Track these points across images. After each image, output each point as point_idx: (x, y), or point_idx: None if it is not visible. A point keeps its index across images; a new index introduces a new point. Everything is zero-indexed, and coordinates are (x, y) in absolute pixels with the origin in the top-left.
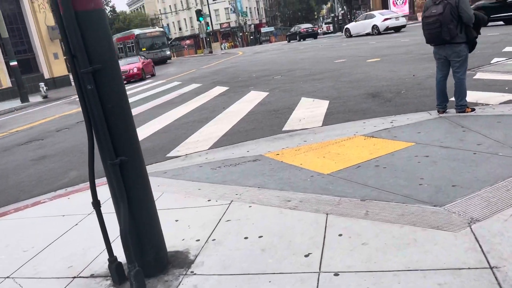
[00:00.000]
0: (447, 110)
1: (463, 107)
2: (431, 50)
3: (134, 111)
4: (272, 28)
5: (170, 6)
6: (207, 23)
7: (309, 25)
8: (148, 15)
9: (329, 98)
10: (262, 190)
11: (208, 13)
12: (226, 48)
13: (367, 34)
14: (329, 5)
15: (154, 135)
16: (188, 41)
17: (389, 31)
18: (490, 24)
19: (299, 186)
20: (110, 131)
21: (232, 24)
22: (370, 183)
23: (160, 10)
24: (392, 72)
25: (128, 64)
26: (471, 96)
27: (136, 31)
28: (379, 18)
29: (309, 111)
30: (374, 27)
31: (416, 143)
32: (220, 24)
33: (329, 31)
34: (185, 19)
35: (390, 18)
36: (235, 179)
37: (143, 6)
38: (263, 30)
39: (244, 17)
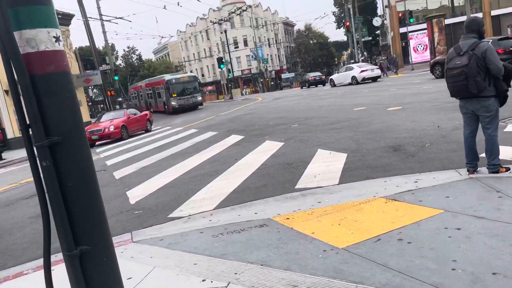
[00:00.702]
0: (478, 169)
1: (496, 166)
2: (456, 99)
3: (146, 161)
4: (292, 74)
5: (193, 54)
6: (229, 70)
7: (317, 74)
8: (172, 62)
9: (347, 150)
10: (266, 268)
11: (229, 60)
12: (247, 93)
13: (349, 84)
14: (349, 51)
15: (160, 190)
16: (210, 87)
17: (366, 81)
18: None
19: (308, 265)
20: (70, 215)
21: (253, 70)
22: (392, 264)
23: (184, 57)
24: (414, 122)
25: (106, 122)
26: (505, 152)
27: (167, 77)
28: (356, 70)
29: (325, 165)
30: (353, 77)
31: (445, 210)
32: (242, 70)
33: None
34: (207, 66)
35: (366, 70)
36: (237, 251)
37: (168, 54)
38: (283, 76)
39: (265, 63)
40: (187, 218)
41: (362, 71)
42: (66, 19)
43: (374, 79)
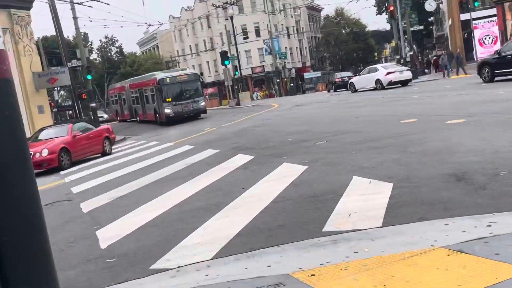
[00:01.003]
0: None
1: None
2: None
3: (125, 189)
4: (318, 73)
5: (190, 46)
6: (235, 67)
7: (347, 74)
8: (162, 57)
9: (393, 179)
10: None
11: (236, 54)
12: (258, 98)
13: (374, 89)
14: (393, 43)
15: (141, 230)
16: (210, 89)
17: (394, 86)
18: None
19: None
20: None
21: (267, 68)
22: None
23: (177, 51)
24: (484, 141)
25: (40, 144)
26: None
27: (159, 75)
28: (382, 71)
29: (364, 199)
30: (378, 81)
31: None
32: (252, 68)
33: None
34: (208, 62)
35: (393, 72)
36: None
37: (157, 47)
38: (306, 75)
39: (283, 59)
40: (175, 271)
41: (389, 73)
42: (26, 1)
43: (404, 83)
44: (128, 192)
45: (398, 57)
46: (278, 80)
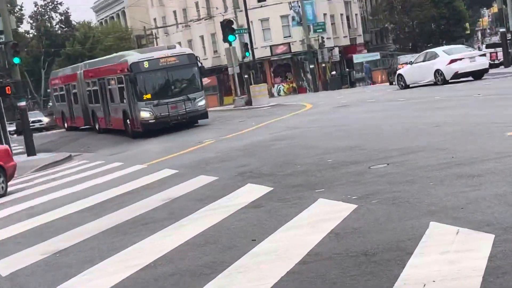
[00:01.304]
0: None
1: None
2: None
3: (67, 238)
4: (375, 55)
5: (174, 12)
6: (245, 45)
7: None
8: (131, 29)
9: (495, 227)
10: None
11: (246, 26)
12: (281, 93)
13: (434, 84)
14: (495, 8)
15: None
16: (205, 80)
17: (462, 79)
18: None
19: None
20: None
21: (295, 47)
22: None
23: (155, 20)
24: None
25: None
26: None
27: (132, 56)
28: (443, 58)
29: (448, 260)
30: (438, 72)
31: None
32: (272, 47)
33: (497, 61)
34: (202, 37)
35: (461, 59)
36: None
37: (123, 13)
38: (357, 58)
39: (320, 33)
40: None
41: (453, 60)
42: None
43: (477, 75)
44: (71, 244)
45: (503, 30)
46: (312, 66)
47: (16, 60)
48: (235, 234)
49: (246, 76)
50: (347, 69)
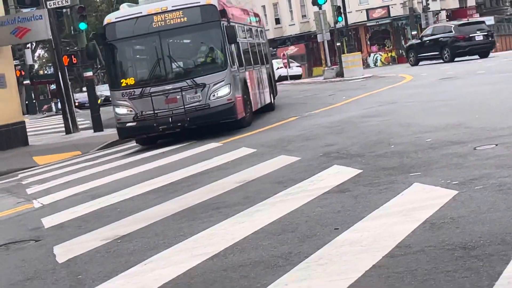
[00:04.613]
0: None
1: None
2: None
3: (130, 222)
4: (490, 19)
5: None
6: (337, 8)
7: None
8: None
9: None
10: None
11: None
12: (378, 63)
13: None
14: None
15: None
16: (292, 48)
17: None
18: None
19: None
20: None
21: (395, 11)
22: None
23: None
24: None
25: None
26: None
27: (111, 15)
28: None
29: None
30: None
31: None
32: (368, 10)
33: None
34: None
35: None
36: None
37: None
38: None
39: None
40: None
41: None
42: None
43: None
44: (134, 230)
45: None
46: (414, 33)
47: (83, 26)
48: (316, 222)
49: (338, 44)
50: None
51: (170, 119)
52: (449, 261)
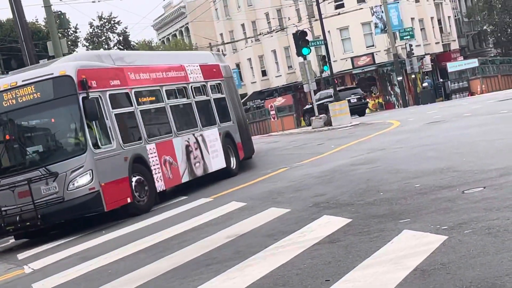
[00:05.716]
0: None
1: None
2: None
3: (119, 284)
4: (473, 62)
5: (243, 25)
6: (322, 58)
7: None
8: (195, 47)
9: None
10: None
11: (322, 36)
12: (367, 110)
13: None
14: None
15: None
16: (279, 100)
17: None
18: None
19: None
20: None
21: (380, 58)
22: None
23: (221, 35)
24: None
25: None
26: None
27: None
28: None
29: None
30: None
31: None
32: (353, 58)
33: None
34: (274, 51)
35: None
36: None
37: (186, 30)
38: (451, 67)
39: (407, 40)
40: None
41: None
42: None
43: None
44: None
45: None
46: (400, 78)
47: None
48: (307, 274)
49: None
50: (441, 80)
51: (17, 217)
52: None
